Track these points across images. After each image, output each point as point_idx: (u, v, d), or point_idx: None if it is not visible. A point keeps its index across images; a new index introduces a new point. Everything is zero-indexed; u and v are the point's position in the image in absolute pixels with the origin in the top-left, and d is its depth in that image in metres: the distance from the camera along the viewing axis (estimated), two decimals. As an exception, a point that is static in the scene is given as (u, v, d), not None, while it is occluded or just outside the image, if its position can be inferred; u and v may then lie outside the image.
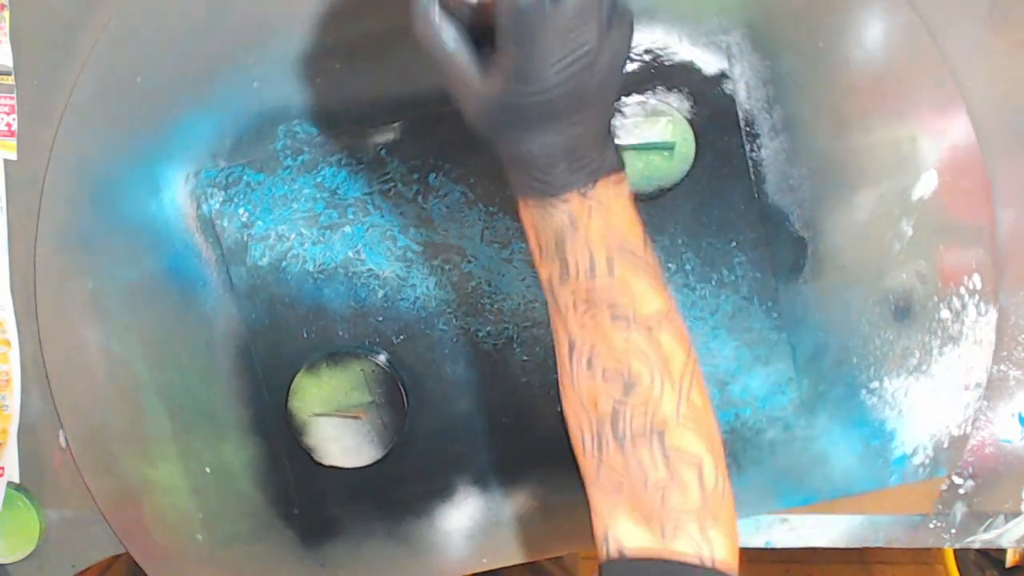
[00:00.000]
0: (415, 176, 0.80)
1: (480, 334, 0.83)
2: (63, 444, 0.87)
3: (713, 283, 0.82)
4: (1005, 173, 0.80)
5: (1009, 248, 0.81)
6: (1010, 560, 1.23)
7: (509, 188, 0.79)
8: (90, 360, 0.84)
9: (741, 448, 0.85)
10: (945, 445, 0.84)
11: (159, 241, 0.82)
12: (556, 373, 0.82)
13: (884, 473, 0.85)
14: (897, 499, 0.87)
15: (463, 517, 0.87)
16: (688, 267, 0.81)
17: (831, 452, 0.85)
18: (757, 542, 0.90)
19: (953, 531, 0.88)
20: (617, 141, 0.76)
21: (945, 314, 0.82)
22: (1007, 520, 0.88)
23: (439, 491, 0.86)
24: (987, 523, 0.88)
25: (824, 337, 0.82)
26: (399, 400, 0.82)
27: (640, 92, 0.78)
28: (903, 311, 0.82)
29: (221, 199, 0.81)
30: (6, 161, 0.82)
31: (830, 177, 0.79)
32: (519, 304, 0.82)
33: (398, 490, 0.86)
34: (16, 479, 0.87)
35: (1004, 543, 0.89)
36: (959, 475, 0.87)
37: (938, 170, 0.79)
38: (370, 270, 0.82)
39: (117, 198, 0.82)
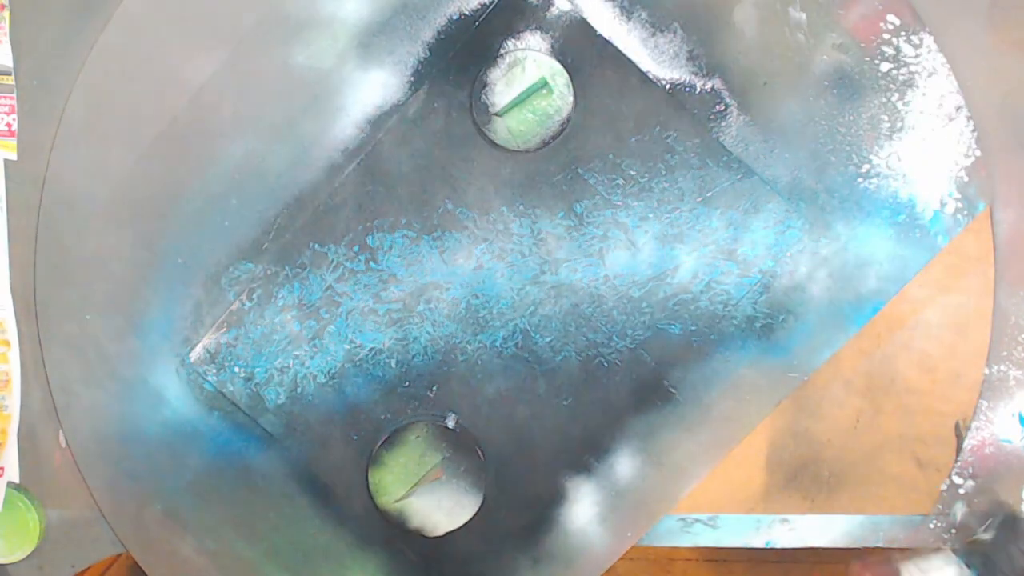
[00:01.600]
0: (355, 248, 0.82)
1: (497, 343, 0.83)
2: (63, 444, 0.87)
3: (663, 172, 0.80)
4: (1005, 173, 0.80)
5: (1009, 248, 0.82)
6: None
7: (438, 205, 0.81)
8: (197, 568, 0.87)
9: (786, 298, 0.83)
10: (966, 179, 0.81)
11: (190, 437, 0.85)
12: (583, 335, 0.83)
13: (928, 239, 0.82)
14: (898, 499, 0.87)
15: (586, 507, 0.86)
16: (633, 172, 0.80)
17: (868, 251, 0.82)
18: (757, 542, 0.89)
19: (953, 531, 0.87)
20: (496, 108, 0.77)
21: (885, 66, 0.79)
22: None
23: (551, 498, 0.86)
24: (987, 523, 0.86)
25: (791, 156, 0.80)
26: (466, 442, 0.83)
27: (493, 54, 0.78)
28: (846, 88, 0.79)
29: (215, 371, 0.84)
30: (6, 161, 0.83)
31: (699, 19, 0.78)
32: (512, 298, 0.83)
33: (515, 519, 0.86)
34: (16, 479, 0.87)
35: None
36: (959, 475, 0.86)
37: (792, -52, 0.77)
38: (372, 349, 0.83)
39: (136, 425, 0.85)
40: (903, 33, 0.78)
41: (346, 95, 0.79)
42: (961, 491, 0.86)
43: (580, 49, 0.78)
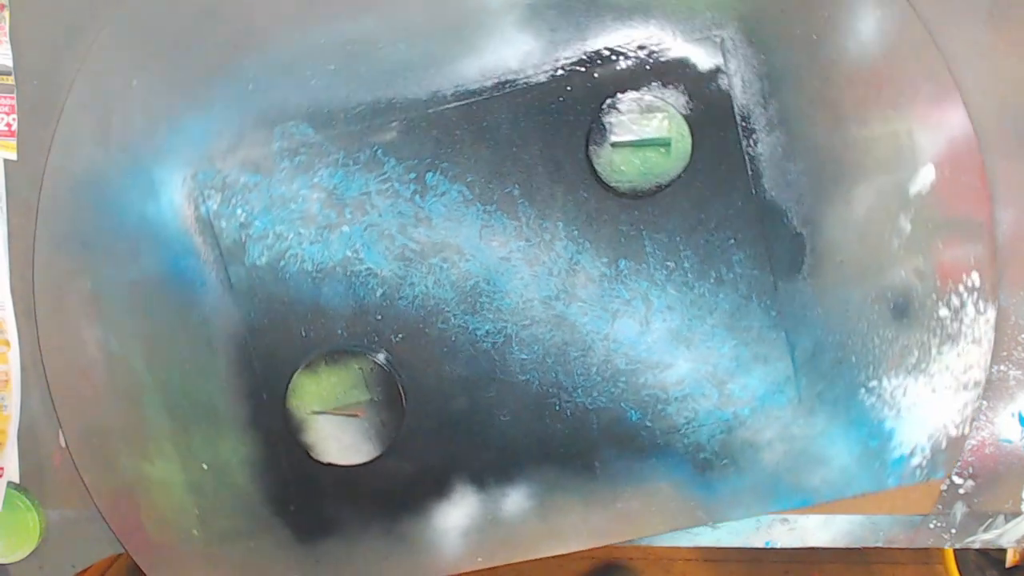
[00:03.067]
0: (412, 175, 0.80)
1: (479, 333, 0.83)
2: (63, 444, 0.87)
3: (712, 281, 0.81)
4: (1005, 173, 0.80)
5: (1009, 248, 0.81)
6: (1010, 560, 1.22)
7: (507, 186, 0.80)
8: (89, 359, 0.85)
9: (739, 448, 0.84)
10: (943, 446, 0.84)
11: (158, 242, 0.83)
12: (555, 372, 0.83)
13: (882, 474, 0.84)
14: (897, 499, 0.87)
15: (459, 515, 0.86)
16: (687, 264, 0.81)
17: (829, 453, 0.84)
18: (757, 542, 0.90)
19: (953, 531, 0.88)
20: (614, 139, 0.77)
21: (944, 312, 0.81)
22: (1007, 520, 0.87)
23: (436, 489, 0.86)
24: (987, 523, 0.87)
25: (823, 335, 0.82)
26: (397, 398, 0.82)
27: (636, 89, 0.78)
28: (902, 309, 0.81)
29: (219, 200, 0.81)
30: (6, 161, 0.83)
31: (827, 172, 0.79)
32: (517, 303, 0.82)
33: (395, 488, 0.86)
34: (16, 479, 0.88)
35: (1004, 543, 0.88)
36: (959, 475, 0.86)
37: (936, 164, 0.79)
38: (368, 269, 0.82)
39: (116, 200, 0.82)
40: (975, 294, 0.81)
41: (490, 40, 0.78)
42: (961, 491, 0.87)
43: (712, 132, 0.78)
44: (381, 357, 0.83)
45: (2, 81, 0.82)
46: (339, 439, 0.83)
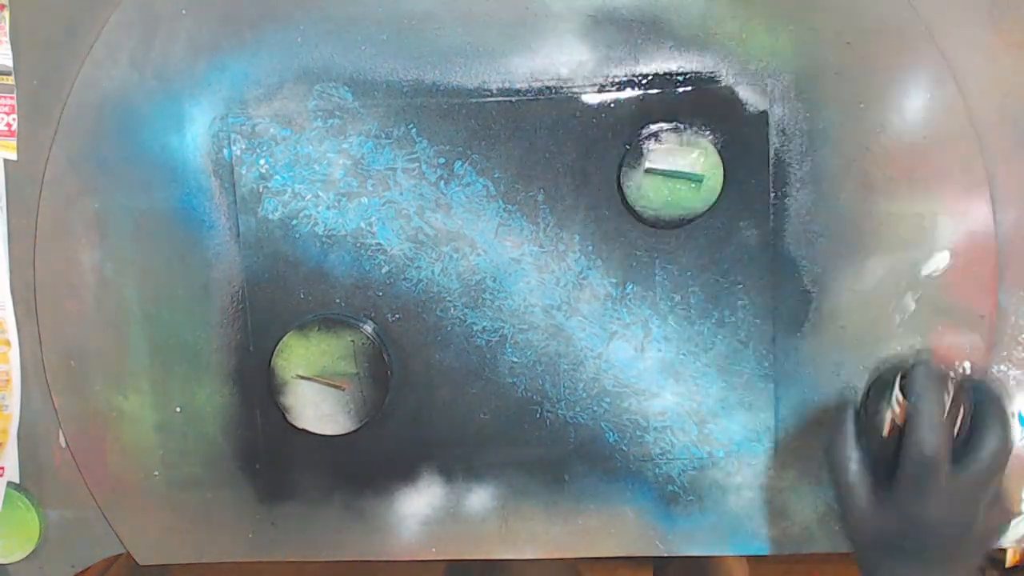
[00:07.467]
0: (441, 160, 0.80)
1: (475, 328, 0.83)
2: (63, 444, 0.86)
3: (713, 321, 0.82)
4: (1005, 173, 0.80)
5: (1009, 248, 0.81)
6: (1010, 560, 1.20)
7: (532, 190, 0.80)
8: (81, 280, 0.83)
9: (707, 487, 0.85)
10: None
11: (174, 176, 0.82)
12: (543, 380, 0.83)
13: (840, 537, 0.86)
14: None
15: (422, 504, 0.86)
16: (692, 300, 0.82)
17: (794, 508, 0.85)
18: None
19: None
20: (648, 165, 0.77)
21: (931, 393, 0.83)
22: None
23: (404, 474, 0.86)
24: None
25: (810, 394, 0.83)
26: (384, 377, 0.82)
27: (679, 119, 0.78)
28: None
29: (244, 147, 0.80)
30: (6, 161, 0.82)
31: (846, 238, 0.80)
32: (520, 305, 0.82)
33: (364, 465, 0.86)
34: (16, 479, 0.87)
35: (1004, 543, 0.87)
36: None
37: (952, 251, 0.80)
38: (378, 244, 0.82)
39: (140, 126, 0.81)
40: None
41: (545, 43, 0.78)
42: None
43: (744, 176, 0.79)
44: (371, 330, 0.82)
45: (2, 81, 0.81)
46: (318, 407, 0.82)
